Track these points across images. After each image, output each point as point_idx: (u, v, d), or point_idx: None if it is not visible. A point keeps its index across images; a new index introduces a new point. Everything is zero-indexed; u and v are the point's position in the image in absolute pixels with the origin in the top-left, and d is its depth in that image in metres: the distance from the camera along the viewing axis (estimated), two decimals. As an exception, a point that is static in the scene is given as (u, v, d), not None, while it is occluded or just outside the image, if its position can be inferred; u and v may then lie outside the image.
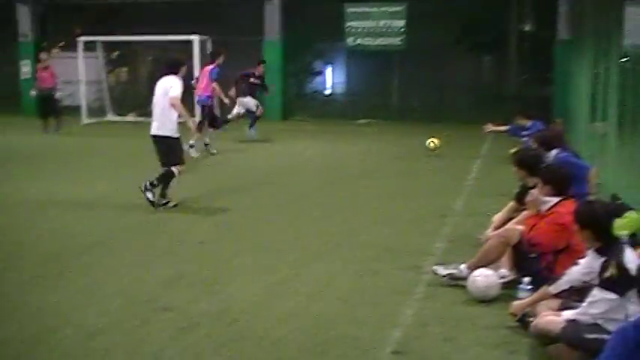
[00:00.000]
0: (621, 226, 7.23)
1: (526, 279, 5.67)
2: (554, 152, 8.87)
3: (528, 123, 13.54)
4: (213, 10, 25.18)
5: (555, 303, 5.16)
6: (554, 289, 5.17)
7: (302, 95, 28.77)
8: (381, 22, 24.24)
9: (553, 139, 9.11)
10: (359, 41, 24.64)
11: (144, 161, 11.45)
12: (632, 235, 7.10)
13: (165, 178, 9.71)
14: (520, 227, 6.33)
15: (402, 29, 24.07)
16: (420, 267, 6.97)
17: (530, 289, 5.53)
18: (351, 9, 24.51)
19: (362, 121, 24.34)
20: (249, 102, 17.75)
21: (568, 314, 4.81)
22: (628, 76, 10.46)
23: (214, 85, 15.65)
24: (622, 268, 4.54)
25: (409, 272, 6.83)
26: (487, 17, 26.22)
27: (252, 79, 17.96)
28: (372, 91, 27.79)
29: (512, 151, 9.16)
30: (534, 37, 27.25)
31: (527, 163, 7.21)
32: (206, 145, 15.55)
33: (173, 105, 9.48)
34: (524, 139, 12.65)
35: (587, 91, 14.33)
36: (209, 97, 15.75)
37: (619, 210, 7.64)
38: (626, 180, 9.95)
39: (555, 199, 6.12)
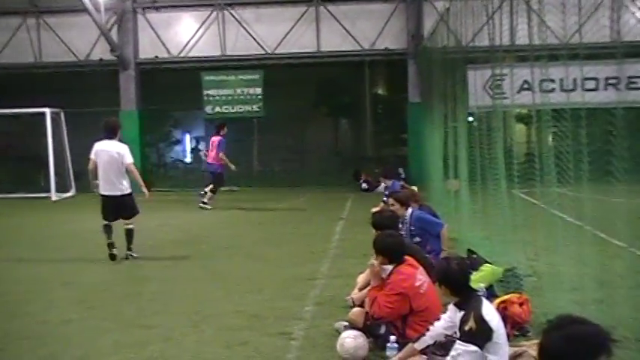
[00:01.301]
0: (478, 279, 7.57)
1: (392, 337, 5.74)
2: (410, 210, 9.19)
3: (389, 183, 13.95)
4: (68, 82, 24.51)
5: (422, 359, 5.25)
6: (418, 345, 5.31)
7: (162, 165, 28.35)
8: (239, 90, 24.53)
9: (409, 198, 9.44)
10: (217, 109, 24.75)
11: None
12: (489, 288, 7.46)
13: (133, 234, 11.23)
14: (362, 310, 6.40)
15: (260, 96, 24.45)
16: (289, 333, 6.89)
17: (397, 347, 5.60)
18: (208, 77, 24.67)
19: (223, 188, 24.19)
20: None
21: (435, 369, 4.90)
22: (475, 135, 11.07)
23: (222, 155, 18.05)
24: (481, 321, 4.69)
25: (279, 339, 6.73)
26: (342, 82, 27.21)
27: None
28: (233, 158, 27.73)
29: (373, 211, 9.39)
30: (387, 100, 28.48)
31: (383, 224, 7.39)
32: (205, 203, 17.99)
33: (132, 171, 11.17)
34: (385, 198, 13.03)
35: (439, 150, 15.03)
36: (220, 165, 18.19)
37: (475, 264, 8.00)
38: (480, 234, 10.44)
39: (391, 267, 6.23)
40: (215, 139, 18.46)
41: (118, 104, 24.47)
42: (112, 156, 11.06)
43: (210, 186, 18.36)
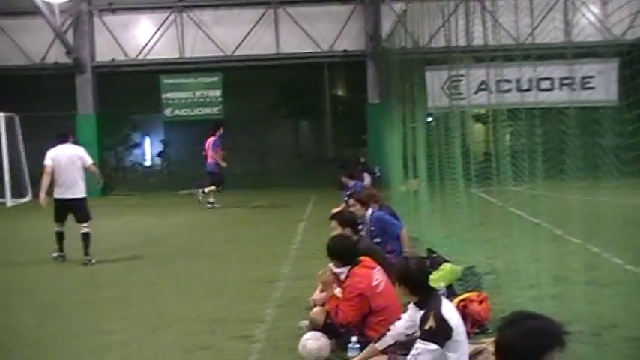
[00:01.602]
0: (438, 278, 7.66)
1: (354, 338, 5.77)
2: (370, 210, 9.24)
3: (351, 183, 13.96)
4: (23, 85, 24.08)
5: (383, 358, 5.29)
6: (380, 345, 5.34)
7: (121, 169, 28.05)
8: (198, 93, 24.39)
9: (369, 198, 9.49)
10: (177, 112, 24.58)
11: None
12: (449, 286, 7.55)
13: (90, 237, 11.27)
14: (322, 309, 6.42)
15: (219, 99, 24.35)
16: (251, 336, 6.87)
17: (358, 348, 5.63)
18: (166, 80, 24.48)
19: (184, 191, 24.07)
20: None
21: (396, 368, 4.94)
22: (433, 135, 11.18)
23: (212, 153, 18.53)
24: (440, 319, 4.74)
25: (240, 342, 6.71)
26: (302, 84, 27.24)
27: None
28: (193, 161, 27.63)
29: (333, 211, 9.41)
30: (347, 101, 28.60)
31: (347, 221, 7.48)
32: (211, 203, 18.42)
33: (94, 171, 11.80)
34: (346, 198, 13.07)
35: (399, 150, 15.15)
36: (216, 164, 18.59)
37: (435, 263, 8.09)
38: (440, 233, 10.55)
39: (346, 269, 6.28)
40: (210, 140, 18.97)
41: (75, 108, 24.14)
42: (72, 159, 11.26)
43: (212, 187, 18.77)
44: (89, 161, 11.50)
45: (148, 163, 30.57)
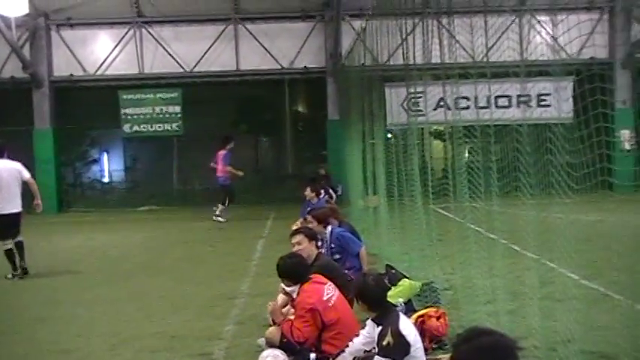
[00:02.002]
0: (397, 294, 7.70)
1: (312, 355, 5.77)
2: (329, 228, 9.27)
3: (315, 200, 13.85)
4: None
5: (343, 375, 5.30)
6: (338, 363, 5.36)
7: (78, 185, 27.67)
8: (157, 109, 24.24)
9: (327, 216, 9.52)
10: (135, 128, 24.38)
11: None
12: (408, 302, 7.59)
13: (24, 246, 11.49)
14: (277, 328, 6.38)
15: (179, 115, 24.24)
16: (210, 353, 6.82)
17: (318, 365, 5.63)
18: (125, 96, 24.30)
19: (143, 207, 23.85)
20: None
21: (356, 384, 4.96)
22: (392, 151, 11.28)
23: (229, 167, 18.61)
24: (398, 335, 4.77)
25: (199, 359, 6.67)
26: (262, 100, 27.24)
27: None
28: (152, 177, 27.45)
29: (294, 228, 9.41)
30: (307, 117, 28.69)
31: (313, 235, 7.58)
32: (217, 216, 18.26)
33: (32, 184, 11.79)
34: (306, 215, 13.06)
35: (359, 167, 15.24)
36: (227, 177, 18.70)
37: (393, 279, 8.13)
38: (399, 249, 10.62)
39: (297, 287, 6.36)
40: (221, 152, 18.96)
41: (32, 123, 23.77)
42: (12, 173, 11.46)
43: (224, 203, 18.79)
44: (27, 175, 11.73)
45: (106, 180, 30.19)
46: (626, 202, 5.06)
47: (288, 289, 6.44)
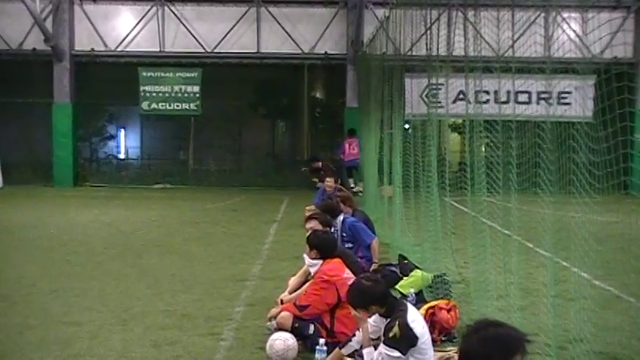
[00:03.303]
0: (408, 285, 7.71)
1: (322, 340, 5.79)
2: (341, 217, 9.27)
3: (331, 190, 13.63)
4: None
5: (348, 362, 5.32)
6: (345, 350, 5.39)
7: (94, 160, 27.82)
8: (176, 88, 24.26)
9: (336, 207, 9.52)
10: (154, 106, 24.42)
11: None
12: (419, 293, 7.60)
13: None
14: (289, 315, 6.43)
15: (197, 95, 24.24)
16: (219, 333, 6.86)
17: (326, 351, 5.65)
18: (145, 73, 24.31)
19: (157, 185, 23.95)
20: None
21: (360, 372, 4.97)
22: (409, 142, 11.24)
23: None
24: (405, 328, 4.76)
25: (208, 339, 6.70)
26: (281, 84, 27.19)
27: None
28: (168, 155, 27.54)
29: (308, 213, 9.42)
30: (325, 104, 28.61)
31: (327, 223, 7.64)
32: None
33: None
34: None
35: (375, 156, 15.20)
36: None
37: (405, 269, 8.14)
38: (412, 240, 10.60)
39: (320, 262, 6.53)
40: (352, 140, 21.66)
41: (52, 96, 23.88)
42: None
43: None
44: None
45: (122, 156, 30.29)
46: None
47: (311, 261, 6.55)
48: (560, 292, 7.38)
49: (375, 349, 5.02)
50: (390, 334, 4.78)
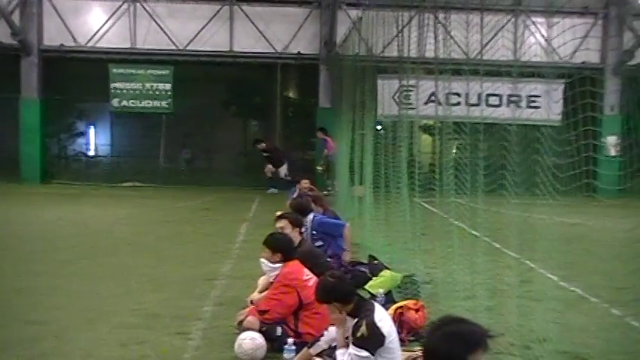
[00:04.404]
0: (377, 285, 7.75)
1: (290, 340, 5.81)
2: (310, 216, 9.31)
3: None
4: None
5: (317, 362, 5.34)
6: (313, 350, 5.41)
7: (63, 157, 27.50)
8: (148, 85, 24.07)
9: (307, 205, 9.56)
10: (124, 103, 24.21)
11: None
12: (388, 293, 7.65)
13: None
14: (255, 319, 6.44)
15: (169, 92, 24.07)
16: (187, 333, 6.84)
17: (294, 350, 5.67)
18: (116, 70, 24.07)
19: (127, 184, 23.75)
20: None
21: (329, 372, 5.00)
22: (380, 143, 11.31)
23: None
24: (373, 327, 4.80)
25: (177, 338, 6.67)
26: (253, 83, 27.14)
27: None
28: (138, 153, 27.30)
29: (278, 213, 9.43)
30: (298, 103, 28.62)
31: (297, 222, 7.67)
32: None
33: None
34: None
35: (346, 156, 15.25)
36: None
37: (375, 270, 8.19)
38: (382, 241, 10.66)
39: (280, 266, 6.55)
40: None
41: (19, 91, 23.53)
42: None
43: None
44: None
45: (91, 153, 29.97)
46: (609, 207, 5.11)
47: (270, 265, 6.55)
48: (526, 292, 7.50)
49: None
50: (358, 334, 4.82)
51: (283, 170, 21.97)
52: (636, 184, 5.47)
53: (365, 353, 4.78)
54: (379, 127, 14.41)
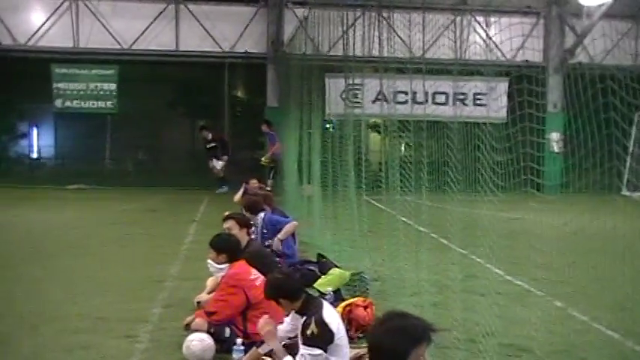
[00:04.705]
0: (326, 283, 7.79)
1: (239, 340, 5.80)
2: (261, 214, 9.30)
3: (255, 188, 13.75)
4: None
5: (267, 361, 5.34)
6: (262, 350, 5.41)
7: (4, 160, 26.86)
8: (92, 85, 23.66)
9: (259, 203, 9.56)
10: (68, 103, 23.75)
11: None
12: (336, 291, 7.70)
13: None
14: (203, 321, 6.41)
15: (114, 92, 23.71)
16: (135, 335, 6.75)
17: (243, 350, 5.66)
18: (58, 70, 23.59)
19: (72, 186, 23.31)
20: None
21: (281, 372, 5.00)
22: (329, 142, 11.35)
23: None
24: (322, 324, 4.83)
25: (124, 341, 6.59)
26: (201, 83, 26.94)
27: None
28: (83, 155, 26.83)
29: (226, 213, 9.38)
30: (246, 103, 28.52)
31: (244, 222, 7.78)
32: None
33: None
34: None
35: (295, 156, 15.27)
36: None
37: (324, 268, 8.22)
38: (331, 239, 10.71)
39: (226, 266, 6.55)
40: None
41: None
42: None
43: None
44: None
45: (34, 155, 29.32)
46: (551, 203, 5.25)
47: (217, 266, 6.54)
48: (472, 287, 7.63)
49: (290, 354, 5.08)
50: (308, 332, 4.84)
51: (220, 164, 21.64)
52: (578, 179, 5.61)
53: (317, 351, 4.80)
54: (328, 126, 14.46)
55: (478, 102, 22.13)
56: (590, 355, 6.22)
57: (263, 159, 20.37)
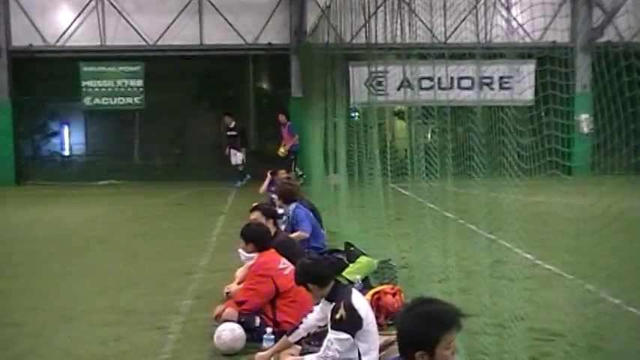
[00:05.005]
0: (354, 271, 7.79)
1: (269, 329, 5.84)
2: (293, 205, 9.33)
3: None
4: None
5: (296, 350, 5.37)
6: (292, 338, 5.43)
7: (37, 158, 27.26)
8: (119, 82, 23.87)
9: (294, 193, 9.58)
10: (97, 101, 24.00)
11: None
12: (365, 279, 7.70)
13: None
14: (234, 310, 6.44)
15: (141, 89, 23.90)
16: (166, 327, 6.83)
17: (273, 339, 5.69)
18: (86, 68, 23.84)
19: (102, 182, 23.59)
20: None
21: (310, 358, 5.02)
22: (354, 131, 11.32)
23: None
24: (350, 309, 4.84)
25: (155, 333, 6.67)
26: (225, 76, 27.02)
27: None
28: (113, 151, 27.14)
29: (254, 205, 9.42)
30: (271, 94, 28.55)
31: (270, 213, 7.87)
32: None
33: None
34: (273, 195, 13.06)
35: (320, 145, 15.26)
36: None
37: (351, 256, 8.22)
38: (358, 228, 10.70)
39: (256, 254, 6.64)
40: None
41: (-11, 93, 23.25)
42: None
43: None
44: None
45: (66, 153, 29.72)
46: (581, 185, 5.18)
47: (247, 255, 6.60)
48: (501, 272, 7.56)
49: (319, 337, 5.10)
50: (337, 316, 4.86)
51: (240, 156, 21.61)
52: (608, 161, 5.53)
53: (345, 335, 4.82)
54: (354, 115, 14.41)
55: (505, 85, 21.87)
56: (623, 338, 6.16)
57: (281, 150, 20.28)
